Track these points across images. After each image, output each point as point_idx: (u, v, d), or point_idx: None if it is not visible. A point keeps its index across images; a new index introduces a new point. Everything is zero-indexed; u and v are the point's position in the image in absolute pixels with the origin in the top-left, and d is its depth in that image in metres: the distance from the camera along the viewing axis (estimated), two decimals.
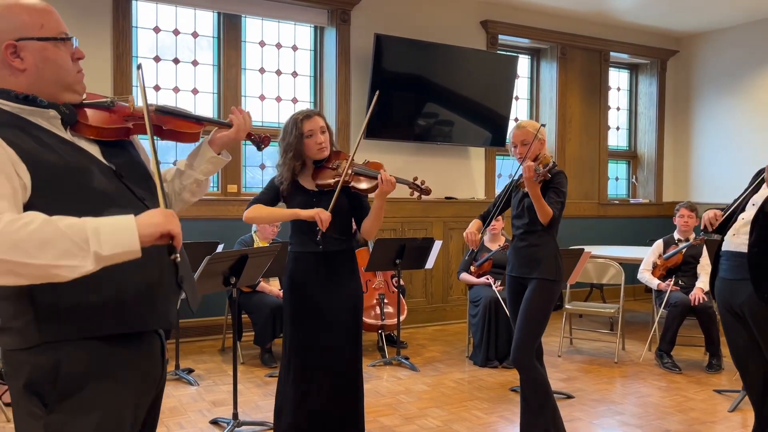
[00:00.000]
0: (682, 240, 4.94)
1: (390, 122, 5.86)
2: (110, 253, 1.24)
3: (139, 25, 5.19)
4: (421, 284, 6.09)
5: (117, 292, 1.36)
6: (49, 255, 1.19)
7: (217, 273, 3.26)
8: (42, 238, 1.19)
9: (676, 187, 7.84)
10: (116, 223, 1.26)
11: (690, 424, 3.52)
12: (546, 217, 2.87)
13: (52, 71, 1.39)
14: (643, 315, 6.62)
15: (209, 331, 5.33)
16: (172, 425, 3.43)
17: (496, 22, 6.50)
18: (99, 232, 1.23)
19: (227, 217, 5.33)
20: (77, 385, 1.33)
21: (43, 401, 1.33)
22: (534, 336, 2.95)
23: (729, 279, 2.86)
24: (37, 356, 1.32)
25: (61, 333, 1.32)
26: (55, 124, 1.40)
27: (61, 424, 1.32)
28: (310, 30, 5.94)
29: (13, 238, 1.17)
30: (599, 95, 7.33)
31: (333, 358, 2.68)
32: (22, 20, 1.36)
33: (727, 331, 2.96)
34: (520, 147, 3.04)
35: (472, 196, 6.47)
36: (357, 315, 2.76)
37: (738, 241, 2.80)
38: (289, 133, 2.70)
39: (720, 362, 4.60)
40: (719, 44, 7.34)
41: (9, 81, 1.37)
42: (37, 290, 1.29)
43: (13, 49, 1.36)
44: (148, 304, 1.42)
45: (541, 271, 2.95)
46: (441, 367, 4.68)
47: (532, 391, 2.94)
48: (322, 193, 2.70)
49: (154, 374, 1.49)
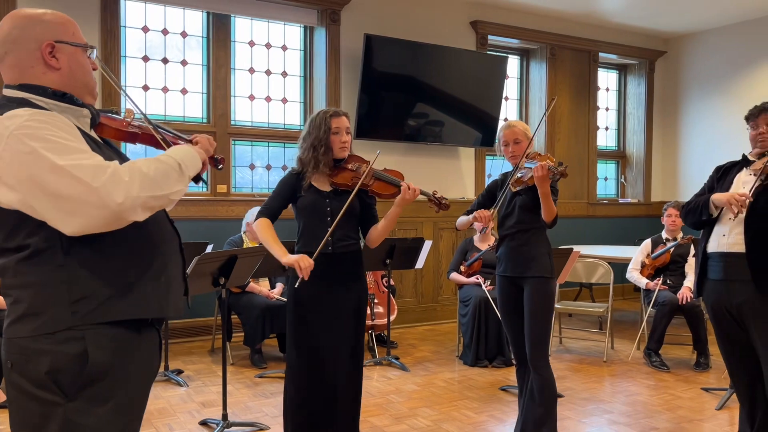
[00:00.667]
0: (669, 239, 4.98)
1: (380, 122, 5.86)
2: (192, 174, 1.55)
3: (128, 24, 5.17)
4: (411, 284, 6.10)
5: (141, 280, 1.48)
6: (170, 185, 1.46)
7: (206, 273, 3.25)
8: (163, 173, 1.44)
9: (664, 187, 7.89)
10: (186, 151, 1.55)
11: (678, 422, 3.55)
12: (551, 216, 2.85)
13: (81, 74, 1.55)
14: (631, 314, 6.66)
15: (199, 332, 5.31)
16: (161, 426, 3.41)
17: (486, 22, 6.52)
18: (184, 160, 1.52)
19: (217, 218, 5.32)
20: (100, 373, 1.41)
21: (63, 389, 1.38)
22: (546, 335, 2.97)
23: (722, 280, 2.81)
24: (64, 344, 1.38)
25: (89, 317, 1.41)
26: (83, 123, 1.53)
27: (80, 411, 1.39)
28: (300, 30, 5.94)
29: (151, 178, 1.41)
30: (588, 96, 7.37)
31: (336, 360, 2.67)
32: (58, 26, 1.52)
33: (719, 332, 2.93)
34: (513, 146, 3.03)
35: (462, 196, 6.48)
36: (361, 317, 2.75)
37: (730, 241, 2.77)
38: (317, 127, 2.69)
39: (708, 361, 4.64)
40: (707, 45, 7.40)
41: (42, 78, 1.49)
42: (74, 275, 1.40)
43: (50, 49, 1.49)
44: (165, 293, 1.54)
45: (537, 270, 2.94)
46: (431, 366, 4.68)
47: (542, 393, 2.93)
48: (337, 194, 2.70)
49: (157, 366, 1.61)
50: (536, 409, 2.94)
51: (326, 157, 2.69)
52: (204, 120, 5.53)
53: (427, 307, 6.20)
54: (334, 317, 2.67)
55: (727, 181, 2.90)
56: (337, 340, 2.67)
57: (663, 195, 7.79)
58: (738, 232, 2.75)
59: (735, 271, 2.75)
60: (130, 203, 1.36)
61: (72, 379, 1.39)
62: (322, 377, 2.66)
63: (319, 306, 2.67)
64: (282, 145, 5.91)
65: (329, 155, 2.70)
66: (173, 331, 5.06)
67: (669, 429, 3.46)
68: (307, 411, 2.68)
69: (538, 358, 2.94)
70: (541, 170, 2.73)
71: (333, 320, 2.67)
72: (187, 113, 5.46)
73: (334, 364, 2.67)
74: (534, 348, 2.94)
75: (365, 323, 2.82)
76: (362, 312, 2.77)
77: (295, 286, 2.56)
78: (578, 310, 5.36)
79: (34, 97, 1.46)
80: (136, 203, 1.37)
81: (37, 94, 1.47)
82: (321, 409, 2.67)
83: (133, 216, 1.38)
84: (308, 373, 2.67)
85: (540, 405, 2.93)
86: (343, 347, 2.69)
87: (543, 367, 2.94)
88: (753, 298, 2.70)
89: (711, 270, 2.88)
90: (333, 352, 2.67)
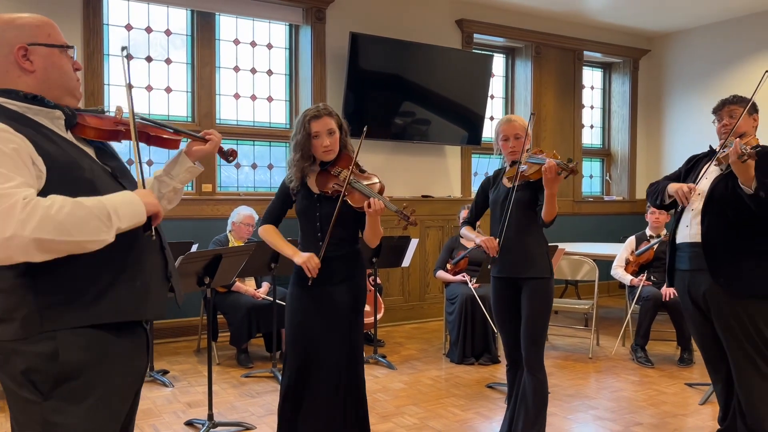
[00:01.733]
0: (653, 236, 5.02)
1: (367, 121, 5.77)
2: (127, 225, 1.44)
3: (111, 22, 5.12)
4: (398, 282, 6.11)
5: (114, 283, 1.48)
6: (84, 233, 1.36)
7: (190, 273, 3.23)
8: (77, 218, 1.35)
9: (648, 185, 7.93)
10: (125, 199, 1.46)
11: (662, 417, 3.58)
12: (552, 216, 2.80)
13: (57, 75, 1.54)
14: (617, 311, 6.71)
15: (184, 332, 5.28)
16: (146, 427, 3.39)
17: (472, 21, 6.54)
18: (117, 209, 1.42)
19: (202, 217, 5.29)
20: (73, 372, 1.42)
21: (39, 388, 1.40)
22: (543, 336, 2.95)
23: (687, 270, 2.85)
24: (35, 344, 1.39)
25: (61, 322, 1.41)
26: (57, 125, 1.52)
27: (56, 410, 1.41)
28: (285, 28, 5.91)
29: (55, 220, 1.32)
30: (573, 94, 7.41)
31: (333, 361, 2.63)
32: (32, 29, 1.52)
33: (691, 323, 2.96)
34: (514, 141, 2.95)
35: (448, 194, 6.50)
36: (358, 314, 2.71)
37: (693, 231, 2.80)
38: (298, 131, 2.65)
39: (691, 356, 4.68)
40: (690, 44, 7.47)
41: (18, 82, 1.50)
42: (39, 281, 1.40)
43: (24, 52, 1.50)
44: (142, 295, 1.53)
45: (536, 270, 2.89)
46: (418, 364, 4.69)
47: (536, 395, 2.90)
48: (325, 198, 2.66)
49: (140, 366, 1.59)
50: (528, 410, 2.92)
51: (304, 162, 2.65)
52: (189, 119, 5.49)
53: (414, 305, 6.21)
54: (329, 316, 2.64)
55: (695, 171, 2.95)
56: (334, 339, 2.64)
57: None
58: (698, 222, 2.78)
59: (698, 261, 2.77)
60: (19, 242, 1.29)
61: (44, 378, 1.40)
62: (320, 380, 2.62)
63: (314, 308, 2.64)
64: (267, 144, 5.89)
65: (308, 161, 2.65)
66: (158, 332, 5.03)
67: (653, 424, 3.49)
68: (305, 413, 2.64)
69: (535, 359, 2.90)
70: (551, 171, 2.62)
71: (329, 319, 2.64)
72: (171, 112, 5.43)
73: (332, 367, 2.63)
74: (530, 349, 2.90)
75: (363, 320, 2.79)
76: (359, 309, 2.72)
77: (308, 284, 2.58)
78: (564, 307, 5.39)
79: (6, 100, 1.47)
80: (27, 243, 1.29)
81: (8, 97, 1.47)
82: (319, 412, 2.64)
83: (23, 256, 1.31)
84: (306, 376, 2.63)
85: (533, 407, 2.90)
86: (340, 345, 2.64)
87: (538, 368, 2.91)
88: (712, 286, 2.73)
89: (678, 260, 2.92)
90: (330, 350, 2.63)
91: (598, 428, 3.45)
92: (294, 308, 2.69)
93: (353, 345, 2.69)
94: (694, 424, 3.49)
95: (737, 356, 2.72)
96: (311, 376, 2.64)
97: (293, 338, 2.67)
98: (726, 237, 2.71)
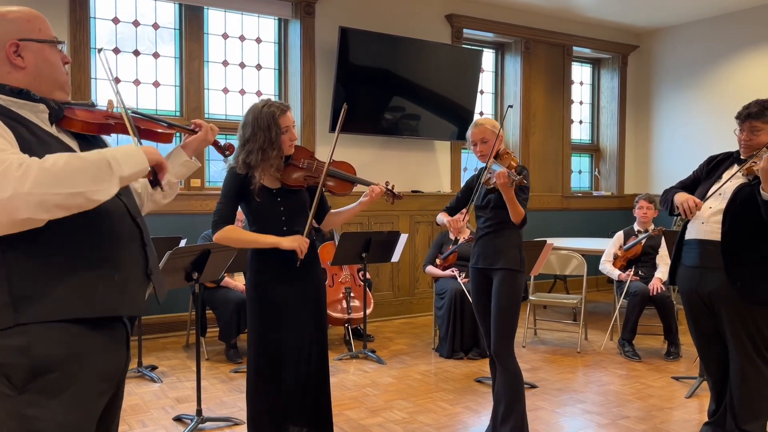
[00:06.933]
0: (641, 231, 5.05)
1: (356, 116, 5.82)
2: (129, 173, 1.41)
3: (98, 15, 5.07)
4: (387, 277, 6.11)
5: (90, 278, 1.45)
6: (85, 182, 1.33)
7: (179, 268, 3.22)
8: (75, 168, 1.33)
9: (637, 180, 8.00)
10: (124, 148, 1.44)
11: (648, 411, 3.62)
12: (518, 217, 2.89)
13: (48, 70, 1.54)
14: (605, 305, 6.76)
15: (173, 328, 5.26)
16: (134, 423, 3.38)
17: (461, 16, 6.53)
18: (116, 157, 1.40)
19: (190, 212, 5.26)
20: (48, 366, 1.39)
21: (13, 382, 1.38)
22: (510, 327, 2.98)
23: (697, 267, 2.85)
24: (8, 338, 1.37)
25: (35, 315, 1.39)
26: (41, 119, 1.51)
27: (31, 403, 1.39)
28: (274, 22, 5.88)
29: (51, 173, 1.30)
30: (562, 89, 7.43)
31: (299, 354, 2.65)
32: (23, 24, 1.51)
33: (691, 318, 2.97)
34: (480, 145, 3.01)
35: (438, 189, 6.50)
36: (321, 308, 2.74)
37: (708, 229, 2.80)
38: (265, 129, 2.55)
39: (678, 350, 4.72)
40: (678, 39, 7.51)
41: (8, 78, 1.49)
42: (13, 274, 1.38)
43: (15, 48, 1.50)
44: (119, 291, 1.50)
45: (505, 261, 2.97)
46: (407, 359, 4.70)
47: (506, 386, 2.94)
48: (287, 192, 2.65)
49: (119, 361, 1.57)
50: (501, 404, 2.96)
51: (277, 159, 2.60)
52: (177, 113, 5.46)
53: (404, 300, 6.22)
54: (293, 312, 2.64)
55: (716, 174, 2.92)
56: (299, 335, 2.64)
57: (636, 188, 7.90)
58: (716, 221, 2.78)
59: (710, 258, 2.79)
60: (20, 200, 1.27)
61: (18, 372, 1.38)
62: (287, 374, 2.63)
63: (278, 303, 2.63)
64: None
65: (280, 156, 2.61)
66: (147, 327, 5.00)
67: (640, 417, 3.52)
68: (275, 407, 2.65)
69: (503, 350, 2.95)
70: (502, 178, 2.75)
71: (293, 315, 2.64)
72: (159, 106, 5.39)
73: (298, 360, 2.64)
74: (499, 340, 2.95)
75: (326, 314, 2.79)
76: (321, 303, 2.73)
77: (297, 265, 2.58)
78: (552, 301, 5.42)
79: None
80: (29, 200, 1.27)
81: None
82: (288, 406, 2.65)
83: (26, 213, 1.29)
84: (273, 372, 2.63)
85: (505, 400, 2.94)
86: (305, 341, 2.65)
87: (508, 360, 2.95)
88: (724, 286, 2.74)
89: (686, 256, 2.92)
90: (296, 347, 2.64)
91: (585, 422, 3.47)
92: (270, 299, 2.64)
93: (323, 333, 2.74)
94: (680, 417, 3.53)
95: (739, 353, 2.76)
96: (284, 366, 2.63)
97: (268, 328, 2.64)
98: (749, 240, 2.72)
